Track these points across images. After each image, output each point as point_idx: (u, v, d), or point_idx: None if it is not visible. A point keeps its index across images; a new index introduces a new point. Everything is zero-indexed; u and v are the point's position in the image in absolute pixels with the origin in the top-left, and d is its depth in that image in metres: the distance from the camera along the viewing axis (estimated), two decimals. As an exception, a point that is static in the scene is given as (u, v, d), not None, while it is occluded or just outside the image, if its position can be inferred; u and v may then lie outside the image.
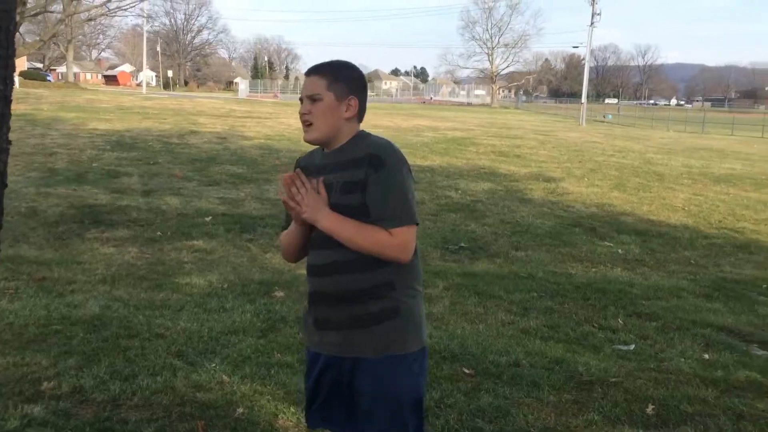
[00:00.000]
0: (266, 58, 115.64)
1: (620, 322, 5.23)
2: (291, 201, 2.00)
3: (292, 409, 3.31)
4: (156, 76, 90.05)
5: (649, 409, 3.51)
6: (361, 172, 1.99)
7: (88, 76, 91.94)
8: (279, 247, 7.01)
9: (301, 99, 2.08)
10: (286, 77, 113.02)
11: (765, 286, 6.55)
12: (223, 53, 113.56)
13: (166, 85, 77.61)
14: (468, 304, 5.49)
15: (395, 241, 1.97)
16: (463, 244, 7.80)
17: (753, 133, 38.63)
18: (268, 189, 10.57)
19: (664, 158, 19.69)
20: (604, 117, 55.15)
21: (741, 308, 5.74)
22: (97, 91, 48.22)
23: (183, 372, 3.67)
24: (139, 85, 72.59)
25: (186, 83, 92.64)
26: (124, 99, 35.87)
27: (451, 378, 3.83)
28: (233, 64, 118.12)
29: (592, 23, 48.66)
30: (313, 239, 2.09)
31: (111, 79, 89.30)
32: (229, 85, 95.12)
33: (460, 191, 11.30)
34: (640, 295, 6.00)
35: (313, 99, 2.04)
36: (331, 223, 1.99)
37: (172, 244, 7.00)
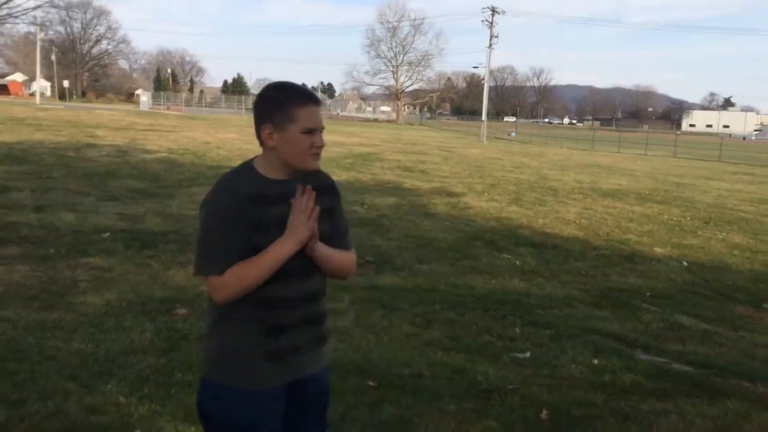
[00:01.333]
0: (169, 70, 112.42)
1: (517, 330, 5.46)
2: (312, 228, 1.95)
3: (192, 429, 3.25)
4: (51, 86, 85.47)
5: (543, 414, 3.70)
6: (329, 201, 2.11)
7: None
8: (183, 264, 6.86)
9: (311, 130, 1.98)
10: (191, 90, 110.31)
11: (648, 294, 7.02)
12: (123, 64, 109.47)
13: (62, 96, 73.85)
14: (373, 317, 5.57)
15: (354, 260, 2.18)
16: (368, 258, 7.88)
17: (638, 150, 41.33)
18: (171, 204, 10.28)
19: (557, 174, 20.72)
20: (509, 134, 57.29)
21: (626, 315, 6.12)
22: (-19, 100, 45.17)
23: (76, 395, 3.52)
24: (32, 95, 68.63)
25: (84, 94, 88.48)
26: (15, 109, 33.84)
27: (356, 391, 3.88)
28: (134, 75, 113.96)
29: (490, 45, 50.80)
30: (291, 269, 1.96)
31: (1, 89, 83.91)
32: (131, 97, 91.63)
33: (366, 206, 11.42)
34: (535, 304, 6.29)
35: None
36: (327, 248, 2.05)
37: (66, 261, 6.67)
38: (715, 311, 6.55)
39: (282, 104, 1.96)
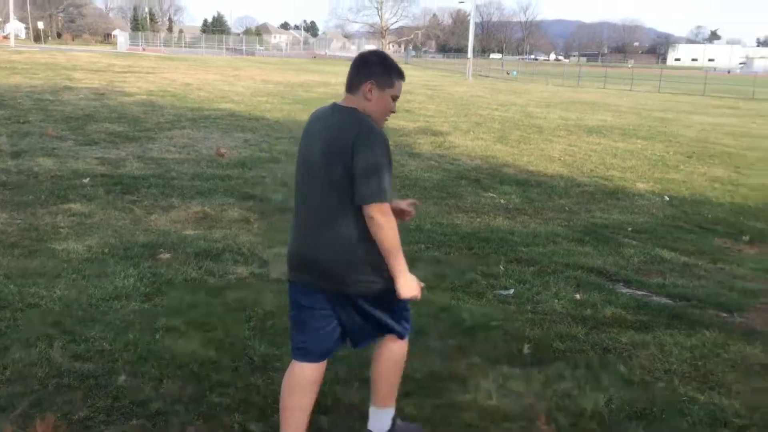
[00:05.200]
0: (147, 9, 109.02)
1: (501, 268, 5.50)
2: None
3: (178, 373, 3.27)
4: (25, 28, 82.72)
5: (526, 348, 3.76)
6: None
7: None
8: (165, 209, 6.80)
9: (395, 98, 2.55)
10: (170, 29, 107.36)
11: (630, 229, 7.08)
12: (99, 3, 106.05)
13: (37, 38, 71.67)
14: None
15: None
16: (352, 200, 7.87)
17: (623, 86, 41.08)
18: (152, 148, 10.13)
19: (543, 111, 20.60)
20: (508, 73, 56.30)
21: (608, 250, 6.19)
22: (-50, 44, 43.76)
23: (60, 342, 3.52)
24: (6, 37, 66.40)
25: (59, 35, 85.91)
26: (-15, 52, 32.79)
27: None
28: (111, 15, 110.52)
29: (476, -22, 49.34)
30: None
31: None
32: (107, 38, 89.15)
33: (349, 147, 11.31)
34: (519, 242, 6.33)
35: None
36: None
37: (46, 208, 6.59)
38: (695, 244, 6.63)
39: (388, 71, 2.47)
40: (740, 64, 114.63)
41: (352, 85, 2.46)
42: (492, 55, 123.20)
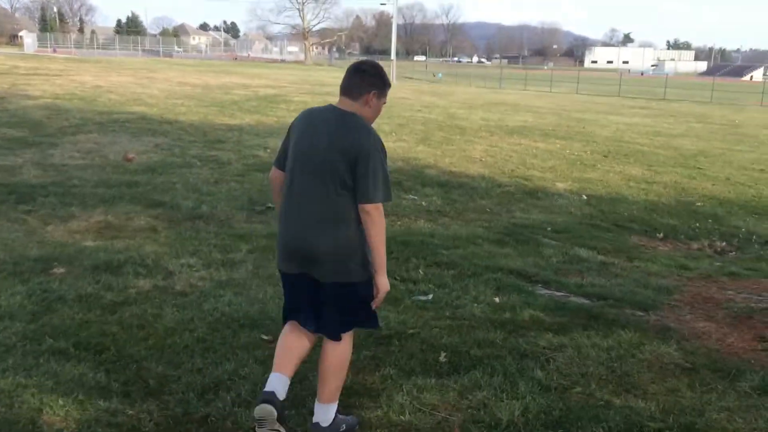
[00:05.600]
0: (55, 9, 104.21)
1: (421, 272, 5.36)
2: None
3: (60, 401, 2.94)
4: None
5: (442, 356, 3.61)
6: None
7: None
8: (64, 219, 6.31)
9: (384, 104, 2.82)
10: (81, 30, 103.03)
11: (549, 228, 7.10)
12: (4, 3, 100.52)
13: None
14: (272, 266, 5.30)
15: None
16: (270, 204, 7.57)
17: (543, 87, 42.23)
18: (53, 154, 9.50)
19: (465, 113, 20.80)
20: (434, 75, 56.76)
21: (528, 251, 6.16)
22: None
23: (-77, 373, 3.11)
24: None
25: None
26: None
27: (248, 346, 3.66)
28: (17, 15, 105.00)
29: (398, -20, 49.69)
30: None
31: None
32: (13, 39, 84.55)
33: (269, 150, 10.99)
34: (440, 244, 6.21)
35: None
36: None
37: (-74, 221, 6.01)
38: (612, 243, 6.71)
39: (385, 83, 2.75)
40: (652, 66, 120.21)
41: (353, 92, 2.68)
42: (416, 57, 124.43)
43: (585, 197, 8.96)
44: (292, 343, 2.84)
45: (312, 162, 2.62)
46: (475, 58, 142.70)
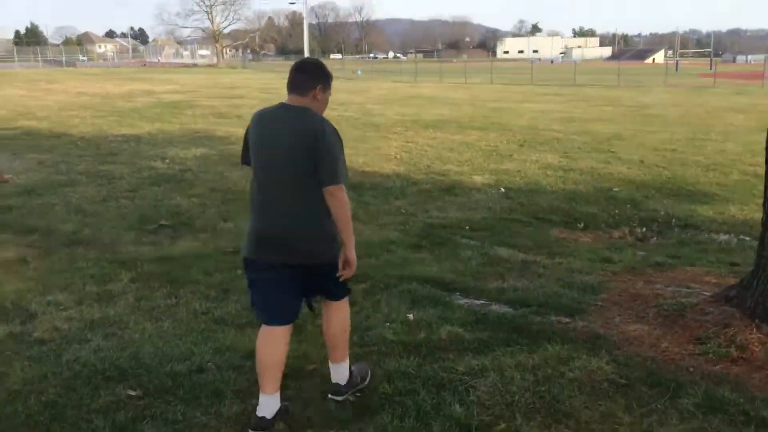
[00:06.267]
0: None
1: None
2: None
3: None
4: None
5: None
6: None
7: None
8: None
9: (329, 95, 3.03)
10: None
11: (467, 227, 6.70)
12: None
13: None
14: (156, 296, 4.64)
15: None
16: (163, 222, 6.85)
17: (458, 79, 42.40)
18: None
19: (381, 108, 20.38)
20: (353, 73, 55.91)
21: (446, 254, 5.72)
22: None
23: None
24: None
25: None
26: None
27: (107, 409, 3.00)
28: None
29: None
30: None
31: None
32: None
33: (167, 160, 10.18)
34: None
35: None
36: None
37: None
38: (533, 238, 6.37)
39: (327, 77, 2.94)
40: (561, 54, 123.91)
41: (300, 88, 2.85)
42: (332, 56, 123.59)
43: (503, 190, 8.64)
44: (271, 357, 2.92)
45: (275, 160, 2.80)
46: (390, 54, 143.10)
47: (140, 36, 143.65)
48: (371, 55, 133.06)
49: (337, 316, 3.09)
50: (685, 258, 5.65)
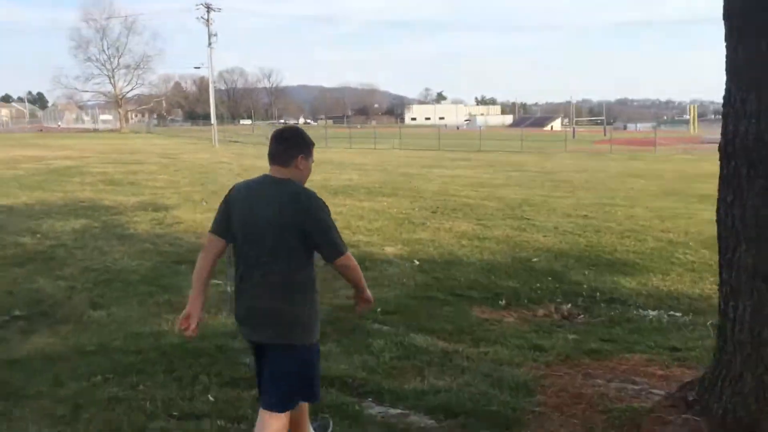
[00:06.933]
0: None
1: (211, 399, 3.91)
2: None
3: None
4: None
5: None
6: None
7: None
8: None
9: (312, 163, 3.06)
10: None
11: (379, 309, 5.93)
12: None
13: None
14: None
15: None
16: (17, 312, 5.71)
17: (367, 144, 42.55)
18: None
19: (289, 174, 19.64)
20: (267, 138, 54.89)
21: (355, 346, 4.92)
22: None
23: None
24: None
25: None
26: None
27: None
28: None
29: (210, 44, 48.79)
30: None
31: None
32: None
33: (39, 235, 8.94)
34: (243, 349, 4.76)
35: None
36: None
37: None
38: (453, 320, 5.67)
39: (308, 144, 2.98)
40: (465, 120, 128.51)
41: (282, 159, 2.86)
42: (242, 121, 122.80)
43: (417, 262, 7.98)
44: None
45: (259, 235, 2.76)
46: (301, 119, 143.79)
47: (39, 100, 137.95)
48: (281, 120, 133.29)
49: (271, 425, 2.82)
50: (620, 341, 5.09)
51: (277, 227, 2.73)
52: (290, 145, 2.89)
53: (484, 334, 5.25)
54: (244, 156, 30.32)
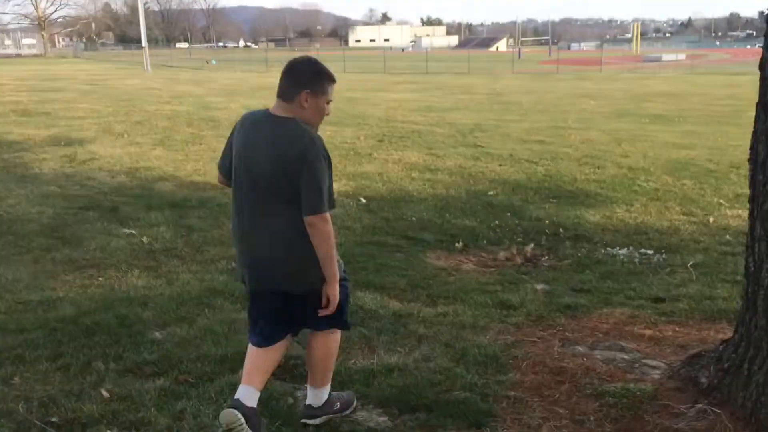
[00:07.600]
0: None
1: (105, 394, 3.09)
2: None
3: None
4: None
5: None
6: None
7: None
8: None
9: (329, 102, 2.60)
10: None
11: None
12: None
13: None
14: None
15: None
16: None
17: (311, 69, 40.68)
18: None
19: (224, 101, 18.33)
20: (207, 62, 52.04)
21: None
22: None
23: None
24: None
25: None
26: None
27: None
28: None
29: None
30: None
31: None
32: None
33: None
34: (153, 320, 3.95)
35: None
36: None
37: None
38: (405, 272, 4.93)
39: (321, 79, 2.55)
40: (411, 42, 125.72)
41: (286, 94, 2.51)
42: (179, 44, 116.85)
43: (363, 200, 7.18)
44: (261, 360, 2.68)
45: (255, 179, 2.51)
46: (241, 42, 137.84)
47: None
48: (220, 43, 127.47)
49: (318, 343, 2.76)
50: (594, 292, 4.46)
51: (270, 173, 2.46)
52: (295, 78, 2.52)
53: (442, 288, 4.53)
54: (176, 81, 28.45)
